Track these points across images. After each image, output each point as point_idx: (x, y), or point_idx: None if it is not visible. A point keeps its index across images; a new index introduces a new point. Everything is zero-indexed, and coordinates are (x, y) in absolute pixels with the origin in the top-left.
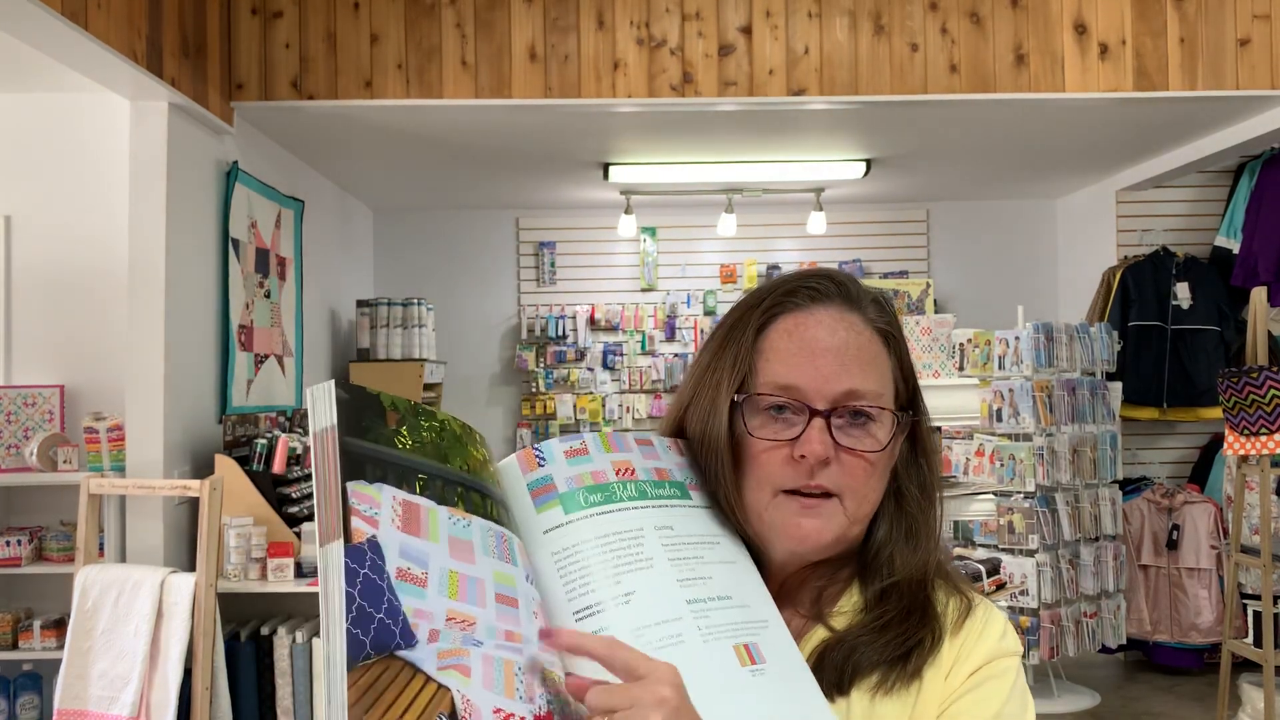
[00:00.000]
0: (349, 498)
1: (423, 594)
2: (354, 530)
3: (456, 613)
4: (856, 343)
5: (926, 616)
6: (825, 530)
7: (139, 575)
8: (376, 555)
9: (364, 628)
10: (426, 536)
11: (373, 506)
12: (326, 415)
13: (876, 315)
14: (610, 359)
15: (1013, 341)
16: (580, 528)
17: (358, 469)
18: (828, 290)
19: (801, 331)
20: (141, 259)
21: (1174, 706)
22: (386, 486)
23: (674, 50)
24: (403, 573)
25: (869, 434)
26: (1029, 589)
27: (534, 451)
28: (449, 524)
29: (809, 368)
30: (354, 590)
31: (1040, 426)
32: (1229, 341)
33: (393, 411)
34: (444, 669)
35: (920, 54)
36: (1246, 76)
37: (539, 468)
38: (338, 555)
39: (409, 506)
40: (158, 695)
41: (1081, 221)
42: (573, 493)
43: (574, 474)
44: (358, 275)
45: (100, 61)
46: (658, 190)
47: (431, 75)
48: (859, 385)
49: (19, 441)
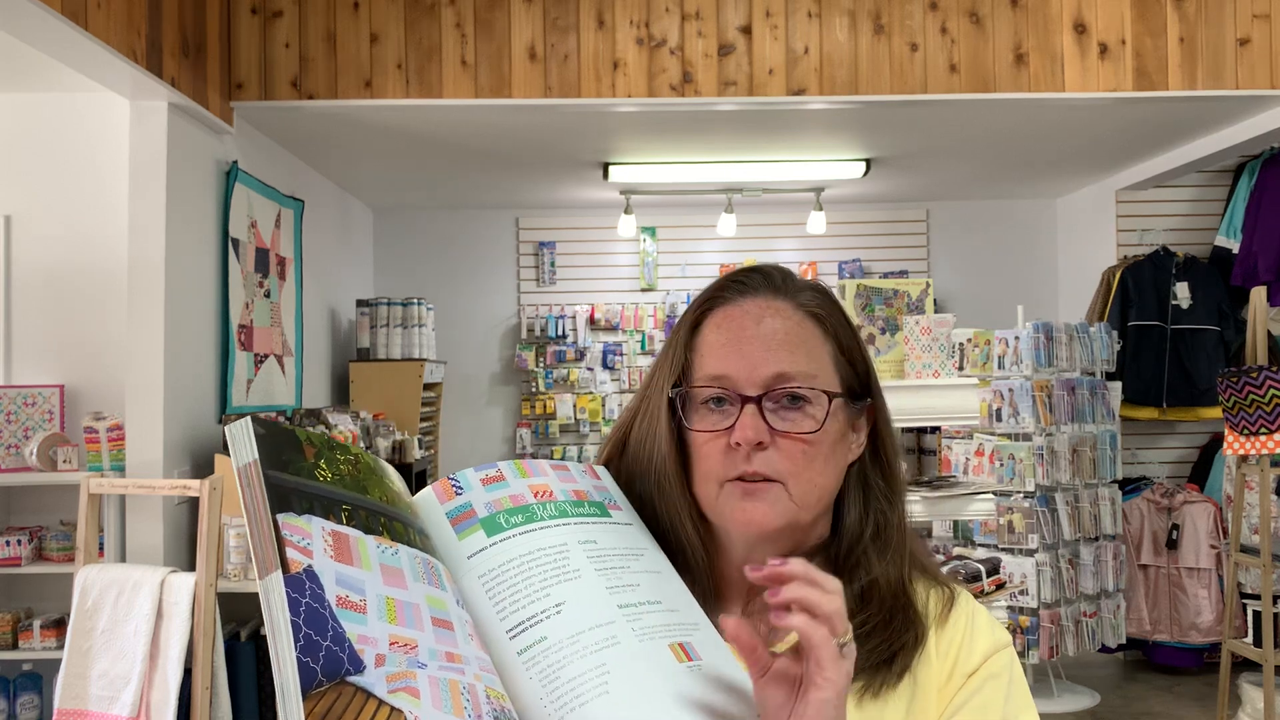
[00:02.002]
0: (280, 529)
1: (364, 620)
2: (290, 561)
3: (398, 637)
4: (784, 327)
5: (909, 619)
6: (770, 514)
7: (139, 575)
8: (315, 584)
9: (313, 655)
10: (359, 565)
11: (305, 537)
12: (248, 451)
13: (808, 300)
14: (610, 359)
15: (1012, 341)
16: (504, 548)
17: (285, 501)
18: (754, 282)
19: (729, 323)
20: (141, 259)
21: (1174, 706)
22: (315, 517)
23: (674, 50)
24: (342, 600)
25: (805, 415)
26: (1029, 589)
27: (449, 481)
28: (378, 552)
29: (737, 356)
30: (299, 619)
31: (1040, 426)
32: (1229, 341)
33: (309, 445)
34: (394, 692)
35: (920, 54)
36: (1246, 76)
37: (456, 496)
38: (279, 586)
39: (339, 536)
40: (158, 695)
41: (1081, 221)
42: (493, 516)
43: (492, 499)
44: (358, 275)
45: (100, 61)
46: (658, 190)
47: (431, 75)
48: (787, 368)
49: (19, 441)
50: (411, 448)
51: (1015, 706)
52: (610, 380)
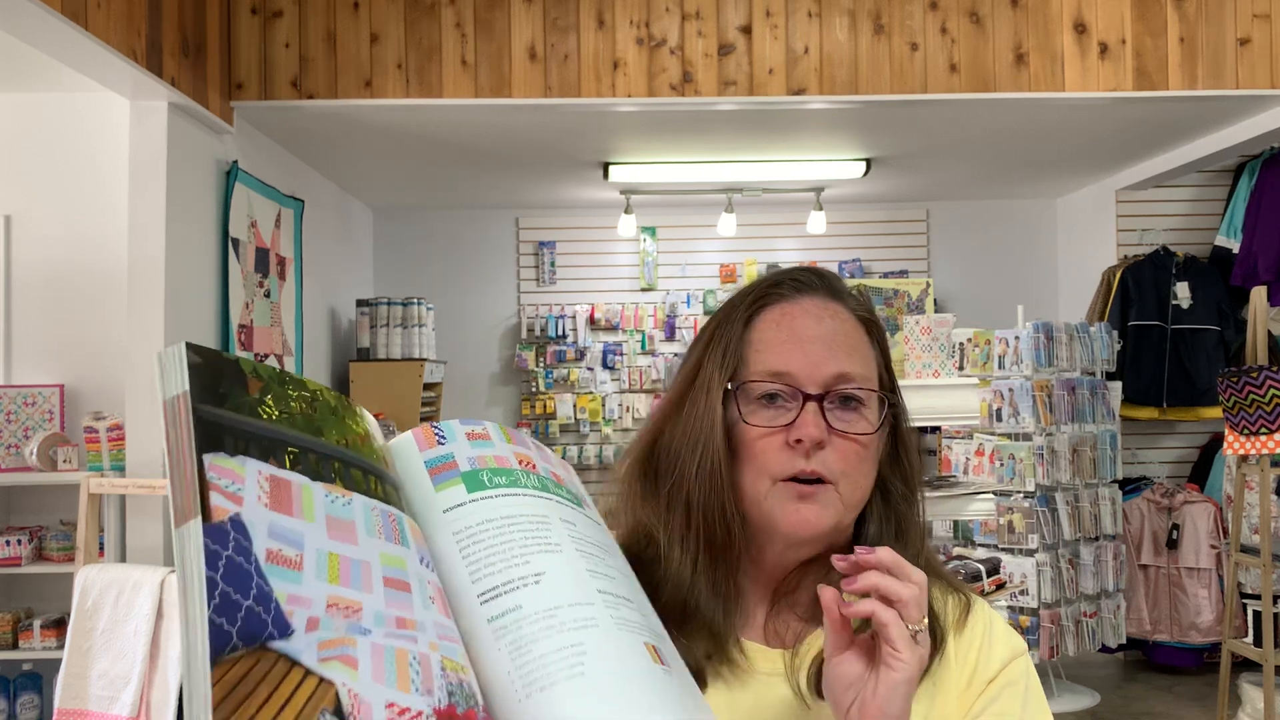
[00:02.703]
0: (206, 471)
1: (298, 578)
2: (214, 508)
3: (339, 598)
4: (843, 329)
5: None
6: (823, 517)
7: (139, 575)
8: (241, 535)
9: (229, 616)
10: (300, 515)
11: (235, 481)
12: (177, 380)
13: (858, 305)
14: (610, 359)
15: (1013, 341)
16: (484, 507)
17: (215, 440)
18: (811, 282)
19: (789, 320)
20: (141, 259)
21: (1174, 706)
22: (250, 460)
23: (674, 50)
24: (273, 554)
25: (860, 417)
26: (1029, 589)
27: (433, 428)
28: (326, 502)
29: (799, 354)
30: (215, 574)
31: (1040, 426)
32: (1229, 341)
33: (255, 379)
34: (326, 660)
35: (920, 54)
36: (1246, 76)
37: (439, 445)
38: (196, 535)
39: (277, 482)
40: (158, 695)
41: (1081, 221)
42: (476, 472)
43: (476, 455)
44: (358, 275)
45: (100, 61)
46: (658, 190)
47: (431, 75)
48: (848, 369)
49: (19, 441)
50: None
51: (1031, 713)
52: (610, 380)
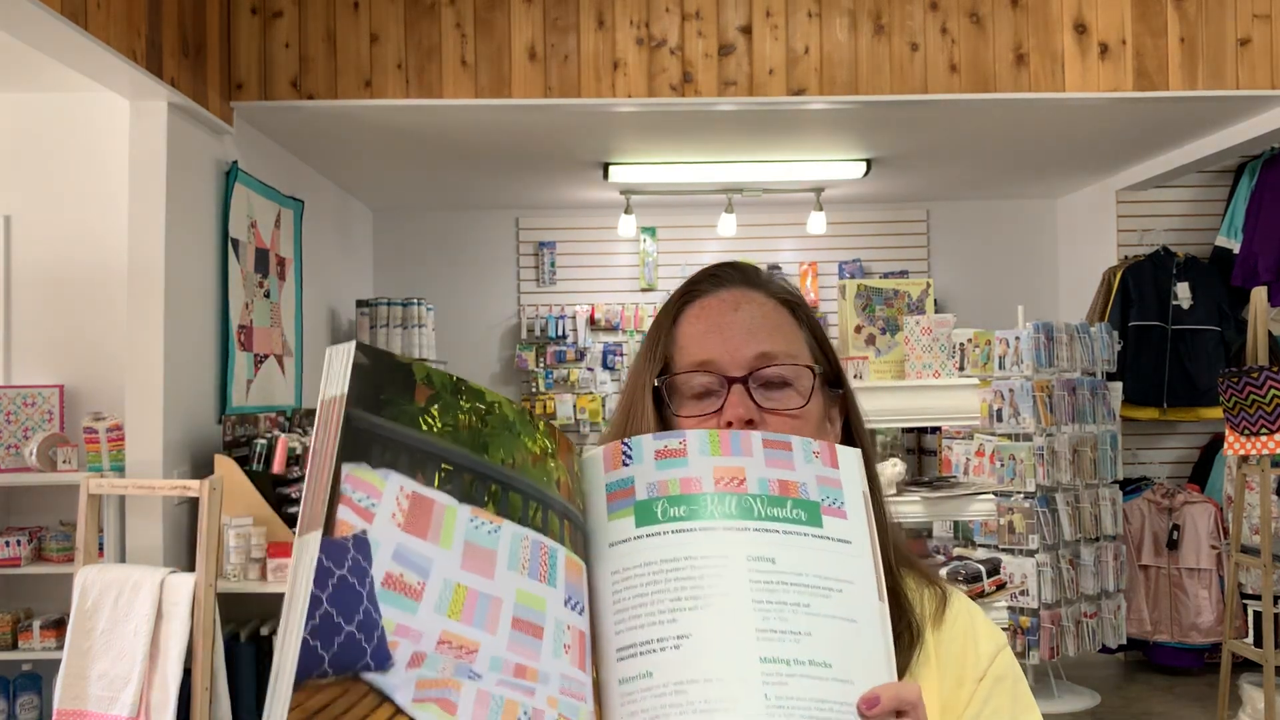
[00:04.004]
0: (341, 482)
1: (413, 607)
2: (339, 522)
3: (453, 636)
4: (761, 312)
5: (900, 608)
6: None
7: (139, 575)
8: (362, 555)
9: (325, 640)
10: (435, 540)
11: (370, 495)
12: (338, 382)
13: (779, 290)
14: (610, 359)
15: (1013, 341)
16: (648, 545)
17: (362, 449)
18: (728, 275)
19: (708, 313)
20: (141, 259)
21: (1174, 706)
22: (394, 473)
23: (674, 50)
24: (392, 579)
25: (792, 393)
26: (1029, 589)
27: (622, 446)
28: (469, 527)
29: (718, 341)
30: (322, 593)
31: (1040, 426)
32: (1229, 341)
33: (424, 386)
34: (421, 701)
35: (920, 54)
36: (1246, 76)
37: (623, 466)
38: (312, 549)
39: (419, 501)
40: (158, 695)
41: (1081, 221)
42: (651, 502)
43: (659, 479)
44: (358, 275)
45: (100, 61)
46: (658, 190)
47: (431, 75)
48: (769, 348)
49: (19, 441)
50: None
51: (1022, 707)
52: (610, 380)
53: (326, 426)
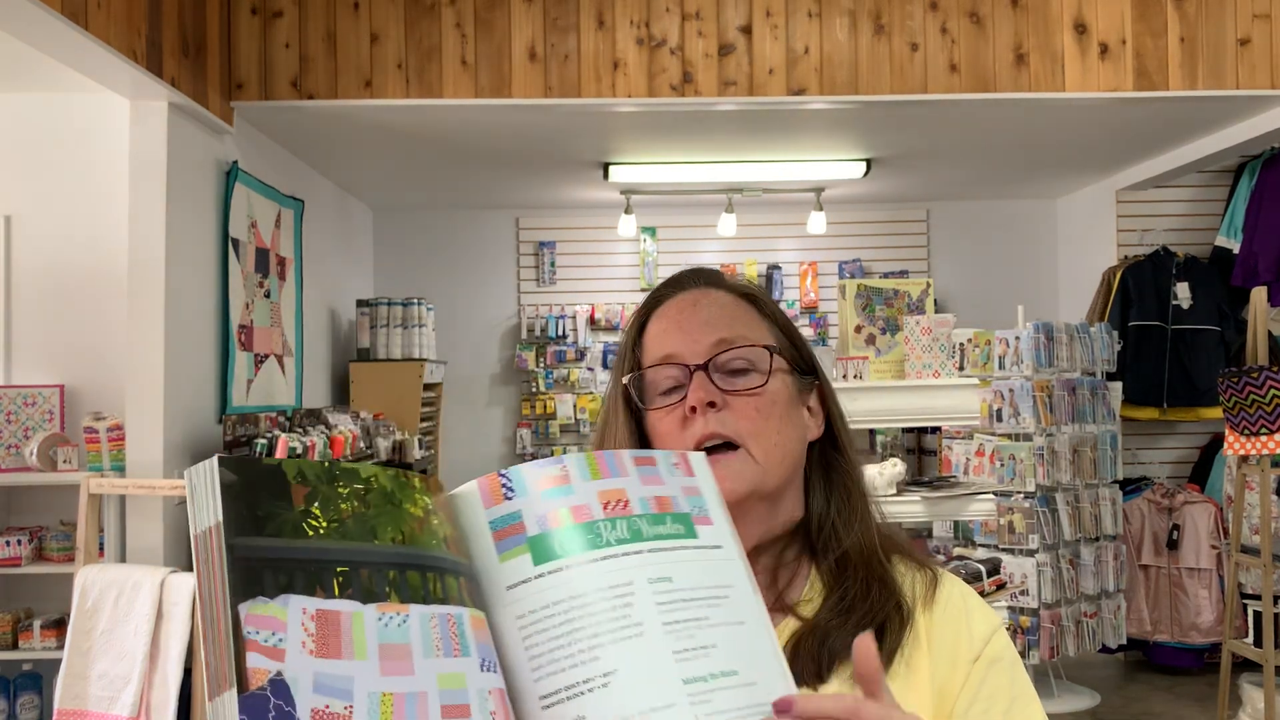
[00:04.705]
0: (243, 626)
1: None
2: (251, 672)
3: None
4: (719, 304)
5: (887, 588)
6: (738, 479)
7: (139, 575)
8: (284, 699)
9: None
10: (350, 655)
11: (276, 631)
12: (210, 510)
13: (740, 287)
14: (610, 359)
15: (1013, 341)
16: (551, 584)
17: (254, 582)
18: (687, 279)
19: (669, 314)
20: (141, 259)
21: (1174, 706)
22: (294, 597)
23: (674, 50)
24: (320, 714)
25: (752, 375)
26: (1029, 589)
27: (500, 479)
28: (379, 628)
29: (679, 334)
30: None
31: (1040, 426)
32: (1229, 341)
33: (299, 485)
34: None
35: (920, 54)
36: (1246, 76)
37: (505, 500)
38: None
39: (325, 618)
40: (158, 695)
41: (1081, 221)
42: (544, 536)
43: (548, 510)
44: (358, 275)
45: (100, 61)
46: (658, 190)
47: (431, 75)
48: (726, 334)
49: (19, 441)
50: (411, 448)
51: (1019, 689)
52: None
53: (209, 565)
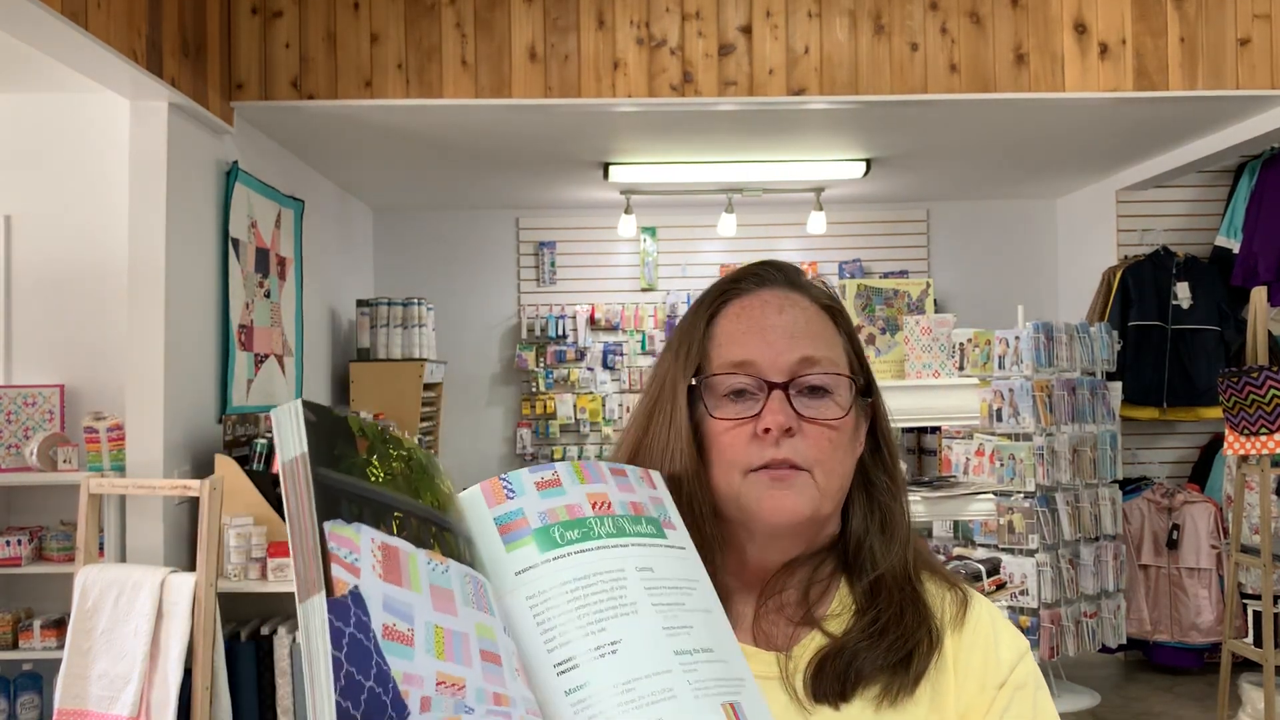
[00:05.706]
0: (327, 541)
1: (411, 654)
2: (335, 581)
3: (446, 675)
4: (804, 317)
5: (920, 613)
6: (800, 503)
7: (139, 575)
8: (360, 610)
9: (354, 699)
10: (409, 586)
11: (352, 551)
12: (295, 442)
13: (821, 295)
14: (610, 359)
15: (1013, 341)
16: (558, 568)
17: (334, 506)
18: (771, 275)
19: (749, 312)
20: (141, 259)
21: (1174, 706)
22: (365, 527)
23: (674, 50)
24: (389, 630)
25: (830, 403)
26: (1029, 589)
27: (501, 482)
28: (429, 570)
29: (760, 343)
30: (341, 654)
31: (1040, 426)
32: (1229, 341)
33: (362, 437)
34: None
35: (920, 54)
36: (1246, 76)
37: (507, 500)
38: (321, 611)
39: (389, 551)
40: (158, 695)
41: (1081, 221)
42: (547, 529)
43: (547, 508)
44: (358, 275)
45: (100, 61)
46: (658, 190)
47: (431, 75)
48: (811, 353)
49: (19, 441)
50: None
51: (1042, 715)
52: (610, 380)
53: (295, 487)
